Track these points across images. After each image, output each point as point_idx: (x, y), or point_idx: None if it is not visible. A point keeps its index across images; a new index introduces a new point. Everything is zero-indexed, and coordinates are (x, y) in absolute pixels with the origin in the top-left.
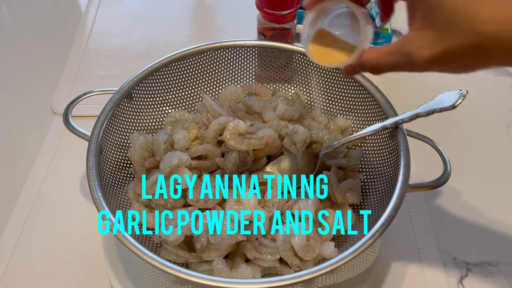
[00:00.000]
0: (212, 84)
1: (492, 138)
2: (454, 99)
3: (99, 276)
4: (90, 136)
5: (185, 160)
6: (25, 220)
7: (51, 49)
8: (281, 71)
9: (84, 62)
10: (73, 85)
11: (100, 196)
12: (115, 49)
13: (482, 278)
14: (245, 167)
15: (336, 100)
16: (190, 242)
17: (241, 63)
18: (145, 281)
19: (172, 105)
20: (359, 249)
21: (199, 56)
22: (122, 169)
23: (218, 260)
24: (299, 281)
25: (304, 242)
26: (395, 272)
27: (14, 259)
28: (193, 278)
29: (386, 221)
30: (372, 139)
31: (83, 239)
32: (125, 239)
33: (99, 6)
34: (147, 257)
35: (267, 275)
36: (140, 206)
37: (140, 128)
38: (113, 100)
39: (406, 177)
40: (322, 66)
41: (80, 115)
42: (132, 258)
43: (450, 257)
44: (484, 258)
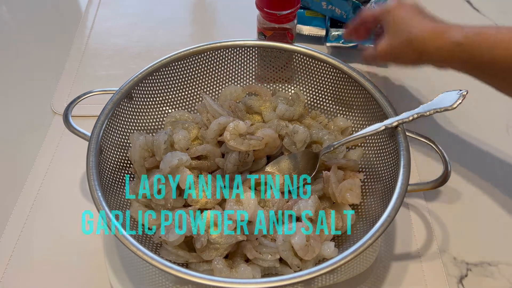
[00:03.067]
0: (212, 84)
1: (492, 138)
2: (454, 99)
3: (99, 276)
4: (90, 136)
5: (185, 160)
6: (25, 220)
7: (51, 49)
8: (281, 71)
9: (84, 62)
10: (73, 85)
11: (100, 196)
12: (115, 49)
13: (482, 278)
14: (245, 167)
15: (336, 100)
16: (190, 242)
17: (241, 63)
18: (145, 281)
19: (172, 105)
20: (359, 249)
21: (199, 56)
22: (122, 169)
23: (218, 260)
24: (299, 281)
25: (304, 242)
26: (395, 272)
27: (14, 259)
28: (193, 278)
29: (386, 221)
30: (372, 139)
31: (83, 239)
32: (125, 239)
33: (99, 6)
34: (147, 257)
35: (267, 275)
36: (140, 206)
37: (140, 128)
38: (113, 100)
39: (406, 177)
40: (322, 66)
41: (80, 115)
42: (132, 258)
43: (450, 257)
44: (484, 258)
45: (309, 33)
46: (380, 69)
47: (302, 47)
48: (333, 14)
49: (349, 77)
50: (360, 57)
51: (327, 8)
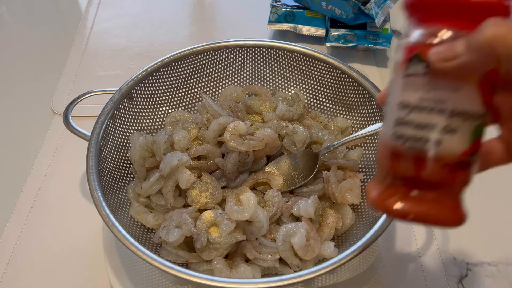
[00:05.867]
0: (212, 84)
1: None
2: None
3: (99, 276)
4: (90, 136)
5: (185, 160)
6: (25, 220)
7: (51, 49)
8: (281, 71)
9: (84, 62)
10: (73, 85)
11: (100, 196)
12: (115, 49)
13: (482, 278)
14: (245, 168)
15: (336, 100)
16: (190, 242)
17: (241, 63)
18: (145, 281)
19: (172, 105)
20: (359, 249)
21: (199, 56)
22: (122, 169)
23: (218, 260)
24: (299, 281)
25: (304, 242)
26: (395, 272)
27: (14, 259)
28: (193, 278)
29: (386, 221)
30: (372, 139)
31: (83, 239)
32: (125, 239)
33: (99, 6)
34: (147, 257)
35: (267, 275)
36: (140, 206)
37: (140, 128)
38: (113, 100)
39: None
40: (322, 66)
41: (80, 115)
42: (132, 258)
43: (450, 257)
44: (484, 258)
45: (309, 33)
46: (379, 69)
47: (302, 47)
48: (333, 14)
49: (349, 77)
50: (360, 57)
51: (327, 8)
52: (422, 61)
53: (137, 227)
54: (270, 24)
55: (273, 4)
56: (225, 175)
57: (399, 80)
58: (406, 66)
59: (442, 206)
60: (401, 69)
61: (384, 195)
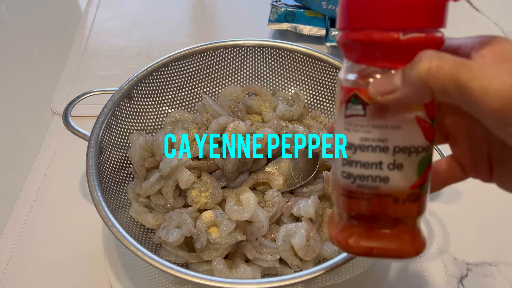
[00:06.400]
0: (212, 84)
1: None
2: None
3: (99, 276)
4: (89, 136)
5: (185, 160)
6: (25, 220)
7: (51, 49)
8: (281, 71)
9: (84, 62)
10: (72, 85)
11: (100, 196)
12: (115, 49)
13: (482, 278)
14: (245, 168)
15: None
16: (190, 242)
17: (241, 63)
18: (145, 281)
19: (172, 105)
20: None
21: (199, 56)
22: (122, 169)
23: (218, 260)
24: (299, 281)
25: (304, 242)
26: (395, 272)
27: (14, 259)
28: (193, 278)
29: None
30: None
31: (83, 239)
32: (125, 239)
33: (99, 6)
34: (147, 258)
35: (267, 275)
36: (140, 206)
37: (140, 128)
38: (112, 100)
39: None
40: (322, 66)
41: (80, 115)
42: (132, 258)
43: (450, 257)
44: (484, 258)
45: (309, 33)
46: None
47: (302, 47)
48: (333, 14)
49: None
50: None
51: (327, 8)
52: (360, 102)
53: (137, 227)
54: (270, 24)
55: (273, 4)
56: (225, 175)
57: (341, 120)
58: (346, 107)
59: (399, 240)
60: (341, 109)
61: (344, 234)
